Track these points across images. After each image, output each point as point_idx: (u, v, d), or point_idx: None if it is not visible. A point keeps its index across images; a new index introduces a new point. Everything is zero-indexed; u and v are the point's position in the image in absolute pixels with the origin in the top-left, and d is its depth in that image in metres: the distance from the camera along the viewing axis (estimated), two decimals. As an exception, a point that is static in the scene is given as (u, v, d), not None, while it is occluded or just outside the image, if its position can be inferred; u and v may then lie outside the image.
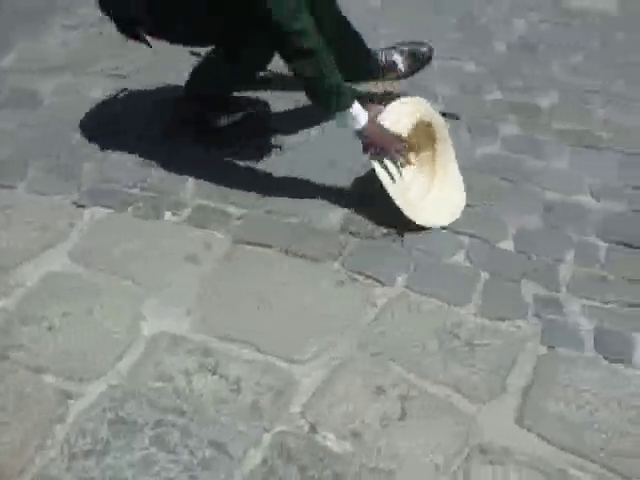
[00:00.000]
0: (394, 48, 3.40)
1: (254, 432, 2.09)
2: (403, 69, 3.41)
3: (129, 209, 2.86)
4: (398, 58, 3.38)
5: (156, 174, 3.01)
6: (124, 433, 2.09)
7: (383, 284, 2.55)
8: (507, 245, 2.71)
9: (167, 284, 2.55)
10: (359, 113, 2.71)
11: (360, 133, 2.74)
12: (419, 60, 3.42)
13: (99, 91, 3.50)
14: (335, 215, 2.82)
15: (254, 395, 2.19)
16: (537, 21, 4.19)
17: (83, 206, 2.87)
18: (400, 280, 2.57)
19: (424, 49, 3.42)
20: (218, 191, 2.92)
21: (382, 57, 3.37)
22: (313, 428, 2.10)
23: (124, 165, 3.05)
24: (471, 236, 2.74)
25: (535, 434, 2.10)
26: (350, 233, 2.75)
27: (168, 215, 2.83)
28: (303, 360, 2.29)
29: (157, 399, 2.17)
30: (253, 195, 2.89)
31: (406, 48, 3.42)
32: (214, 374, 2.24)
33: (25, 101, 3.47)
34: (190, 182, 2.97)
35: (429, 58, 3.44)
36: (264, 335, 2.37)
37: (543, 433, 2.11)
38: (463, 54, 3.82)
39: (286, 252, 2.67)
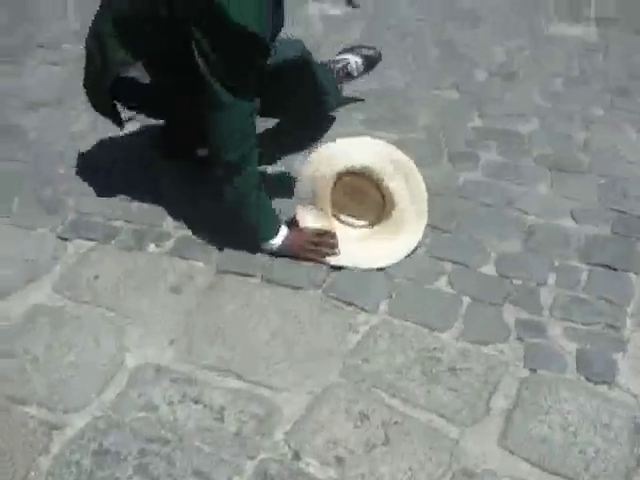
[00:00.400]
0: (347, 56, 3.61)
1: (238, 460, 2.09)
2: (357, 74, 3.61)
3: (113, 241, 2.87)
4: (352, 67, 3.57)
5: (139, 206, 3.02)
6: (108, 464, 2.09)
7: (365, 311, 2.56)
8: (489, 270, 2.73)
9: (151, 315, 2.56)
10: (277, 238, 2.76)
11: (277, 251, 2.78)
12: (370, 64, 3.64)
13: (82, 125, 3.53)
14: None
15: (237, 423, 2.19)
16: (517, 48, 4.23)
17: (67, 239, 2.89)
18: (382, 307, 2.58)
19: (372, 52, 3.65)
20: (201, 222, 2.93)
21: (338, 68, 3.54)
22: (296, 455, 2.10)
23: (107, 198, 3.07)
24: (453, 262, 2.75)
25: (519, 456, 2.11)
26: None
27: (151, 247, 2.85)
28: (286, 388, 2.30)
29: (141, 429, 2.17)
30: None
31: (358, 56, 3.61)
32: (197, 403, 2.25)
33: (10, 136, 3.50)
34: (173, 214, 2.98)
35: (377, 60, 3.66)
36: (247, 364, 2.38)
37: (526, 455, 2.11)
38: (444, 82, 3.86)
39: (269, 281, 2.68)
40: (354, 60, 3.58)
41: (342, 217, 2.88)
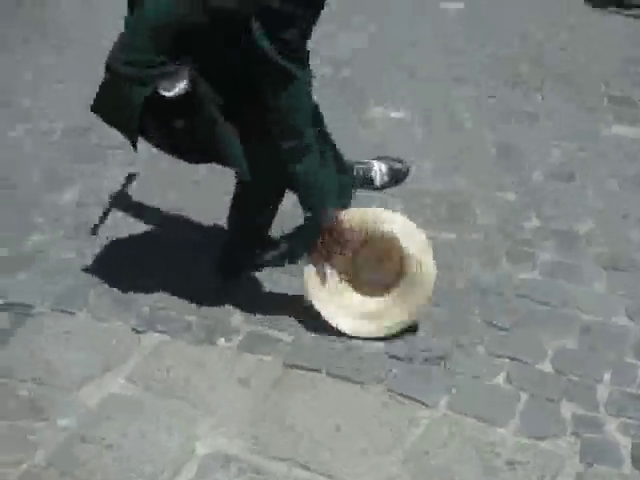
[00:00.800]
0: (373, 162, 3.60)
1: None
2: (379, 184, 3.60)
3: (184, 335, 3.01)
4: (376, 173, 3.58)
5: (209, 302, 3.16)
6: None
7: (426, 406, 2.66)
8: (546, 366, 2.81)
9: (220, 406, 2.68)
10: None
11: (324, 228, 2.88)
12: (396, 177, 3.63)
13: (155, 224, 3.70)
14: (380, 340, 2.94)
15: (303, 512, 2.29)
16: (573, 149, 4.32)
17: (141, 331, 3.04)
18: (443, 402, 2.68)
19: (401, 166, 3.65)
20: (268, 317, 3.06)
21: (360, 170, 3.55)
22: (359, 543, 2.19)
23: (179, 293, 3.21)
24: (511, 358, 2.84)
25: None
26: (394, 357, 2.87)
27: (221, 341, 2.98)
28: (350, 479, 2.38)
29: (211, 515, 2.28)
30: (302, 320, 3.03)
31: (385, 165, 3.60)
32: (265, 492, 2.35)
33: (85, 233, 3.66)
34: (241, 309, 3.11)
35: (405, 175, 3.65)
36: (312, 455, 2.48)
37: None
38: (502, 183, 3.96)
39: (334, 376, 2.79)
40: (378, 167, 3.60)
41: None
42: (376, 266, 3.00)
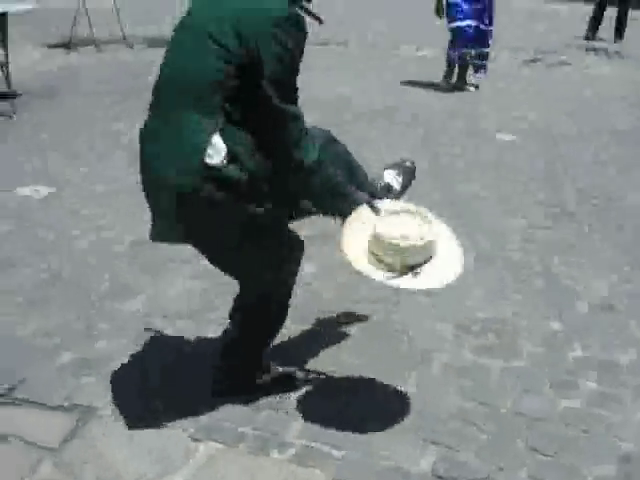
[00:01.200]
0: (382, 173, 3.77)
1: None
2: (398, 187, 3.75)
3: (239, 446, 3.14)
4: (392, 180, 3.73)
5: (264, 414, 3.31)
6: None
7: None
8: (586, 492, 2.92)
9: (272, 515, 2.82)
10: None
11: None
12: (408, 176, 3.80)
13: (215, 335, 3.85)
14: (426, 458, 3.06)
15: None
16: (618, 281, 4.46)
17: (197, 439, 3.18)
18: (485, 520, 2.79)
19: (408, 163, 3.83)
20: (321, 432, 3.19)
21: (378, 183, 3.70)
22: None
23: (235, 404, 3.35)
24: (552, 484, 2.96)
25: None
26: (439, 477, 2.97)
27: (275, 453, 3.11)
28: None
29: None
30: (353, 436, 3.16)
31: (392, 169, 3.78)
32: None
33: (149, 341, 3.85)
34: (295, 423, 3.25)
35: (414, 170, 3.84)
36: None
37: None
38: (548, 313, 4.10)
39: (383, 492, 2.93)
40: (389, 174, 3.74)
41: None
42: None
